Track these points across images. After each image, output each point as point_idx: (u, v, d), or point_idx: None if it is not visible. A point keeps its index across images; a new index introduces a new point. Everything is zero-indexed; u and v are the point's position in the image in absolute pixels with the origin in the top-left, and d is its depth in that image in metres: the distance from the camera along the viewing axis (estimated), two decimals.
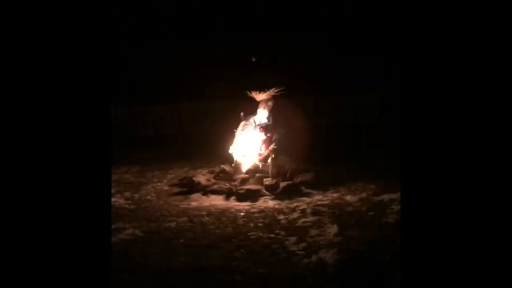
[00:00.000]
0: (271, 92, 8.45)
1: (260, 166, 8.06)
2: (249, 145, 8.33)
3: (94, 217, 2.78)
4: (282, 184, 7.56)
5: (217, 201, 7.27)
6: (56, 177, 2.73)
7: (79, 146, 2.78)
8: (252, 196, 7.31)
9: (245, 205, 7.01)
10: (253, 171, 7.97)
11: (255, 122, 8.44)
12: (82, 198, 2.76)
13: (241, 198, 7.29)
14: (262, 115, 8.51)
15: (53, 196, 2.71)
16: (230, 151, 8.34)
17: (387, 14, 13.99)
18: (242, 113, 8.59)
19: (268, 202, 7.09)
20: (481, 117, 2.67)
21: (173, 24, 14.91)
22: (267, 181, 7.60)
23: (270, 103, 8.52)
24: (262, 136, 8.36)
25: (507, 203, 2.60)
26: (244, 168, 8.11)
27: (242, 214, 6.57)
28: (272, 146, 8.17)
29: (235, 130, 8.43)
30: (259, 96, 8.50)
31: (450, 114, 2.72)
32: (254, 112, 8.53)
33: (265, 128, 8.36)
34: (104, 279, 2.81)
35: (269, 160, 8.05)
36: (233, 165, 8.26)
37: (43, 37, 2.74)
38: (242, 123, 8.49)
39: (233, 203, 7.12)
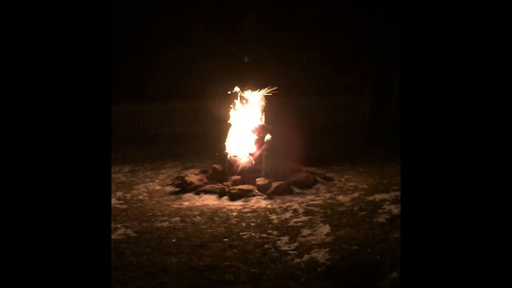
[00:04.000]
0: (264, 91, 8.47)
1: (253, 166, 8.06)
2: (241, 145, 8.34)
3: (95, 216, 2.79)
4: (275, 184, 7.57)
5: (210, 201, 7.27)
6: (57, 177, 2.73)
7: (81, 146, 2.78)
8: (244, 196, 7.33)
9: (237, 205, 7.02)
10: (245, 171, 7.98)
11: (247, 122, 8.44)
12: (83, 198, 2.76)
13: (233, 198, 7.30)
14: (254, 115, 8.51)
15: (54, 196, 2.71)
16: (223, 151, 8.34)
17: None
18: (233, 112, 8.58)
19: (260, 202, 7.11)
20: (479, 116, 2.69)
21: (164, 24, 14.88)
22: (260, 181, 7.62)
23: (262, 103, 8.54)
24: (254, 136, 8.37)
25: (506, 201, 2.62)
26: (236, 168, 8.11)
27: (234, 214, 6.58)
28: (264, 146, 8.18)
29: (227, 130, 8.40)
30: (252, 96, 8.51)
31: (447, 114, 2.74)
32: (246, 112, 8.53)
33: (257, 128, 8.37)
34: (104, 278, 2.81)
35: (262, 160, 8.06)
36: (225, 165, 8.25)
37: (45, 39, 2.75)
38: (235, 123, 8.49)
39: (225, 203, 7.13)
